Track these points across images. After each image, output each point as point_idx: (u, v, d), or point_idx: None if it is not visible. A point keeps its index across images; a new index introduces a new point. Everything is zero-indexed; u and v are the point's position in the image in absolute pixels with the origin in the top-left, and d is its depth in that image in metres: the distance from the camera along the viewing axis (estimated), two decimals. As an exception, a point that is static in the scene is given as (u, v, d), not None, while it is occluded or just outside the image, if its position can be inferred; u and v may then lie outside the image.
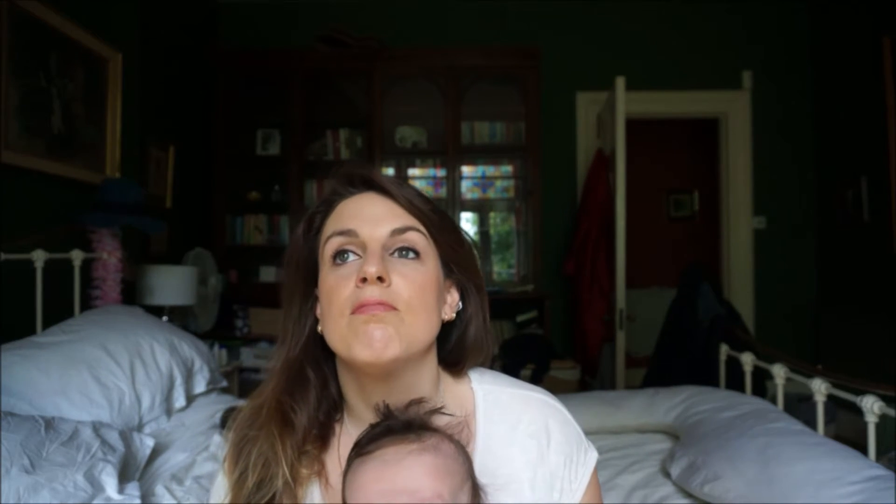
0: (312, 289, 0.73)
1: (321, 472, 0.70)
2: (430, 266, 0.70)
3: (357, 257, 0.69)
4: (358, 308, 0.65)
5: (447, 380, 0.76)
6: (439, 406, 0.68)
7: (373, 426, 0.66)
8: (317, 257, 0.73)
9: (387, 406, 0.67)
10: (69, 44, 2.31)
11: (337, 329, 0.66)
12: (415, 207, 0.70)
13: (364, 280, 0.65)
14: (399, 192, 0.70)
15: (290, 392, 0.71)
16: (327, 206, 0.74)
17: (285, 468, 0.66)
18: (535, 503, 0.69)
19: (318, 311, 0.71)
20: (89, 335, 1.89)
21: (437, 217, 0.72)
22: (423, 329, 0.68)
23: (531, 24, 4.10)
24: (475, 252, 0.78)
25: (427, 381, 0.72)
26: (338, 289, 0.66)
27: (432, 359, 0.73)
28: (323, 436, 0.72)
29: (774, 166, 4.06)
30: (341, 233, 0.69)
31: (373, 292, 0.65)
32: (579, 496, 0.72)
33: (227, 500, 0.69)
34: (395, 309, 0.65)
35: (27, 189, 2.10)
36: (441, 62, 3.80)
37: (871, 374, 1.98)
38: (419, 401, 0.68)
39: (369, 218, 0.69)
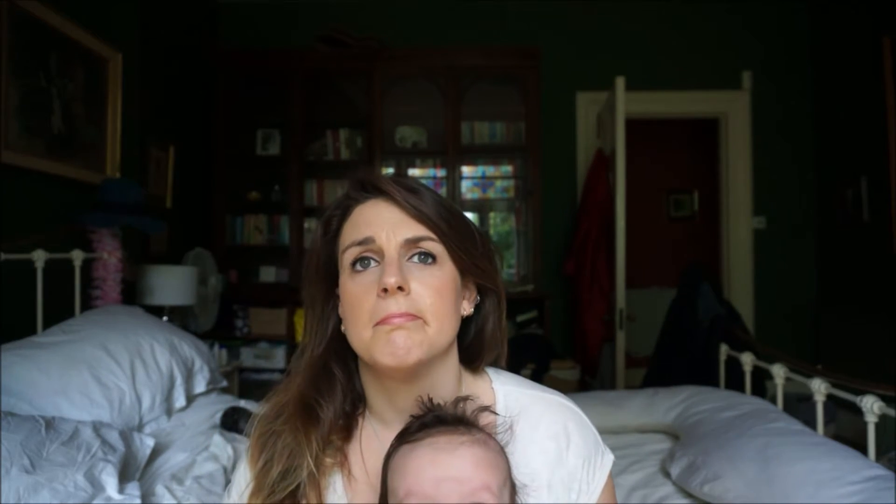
0: (334, 289, 0.74)
1: (343, 464, 0.72)
2: (446, 269, 0.71)
3: (376, 263, 0.69)
4: (382, 321, 0.66)
5: (468, 378, 0.77)
6: (487, 405, 0.70)
7: (416, 417, 0.67)
8: (336, 260, 0.74)
9: (430, 399, 0.68)
10: (69, 44, 2.31)
11: (361, 338, 0.68)
12: (424, 216, 0.71)
13: (385, 290, 0.66)
14: (406, 202, 0.71)
15: (315, 388, 0.73)
16: (343, 211, 0.75)
17: (310, 459, 0.68)
18: (553, 503, 0.71)
19: (341, 311, 0.72)
20: (89, 335, 1.89)
21: (447, 225, 0.72)
22: (445, 331, 0.69)
23: (531, 24, 4.10)
24: (494, 256, 0.78)
25: (449, 381, 0.73)
26: (360, 299, 0.68)
27: (454, 357, 0.75)
28: (347, 427, 0.74)
29: (774, 166, 4.06)
30: (359, 243, 0.70)
31: (398, 305, 0.66)
32: (595, 498, 0.74)
33: (249, 489, 0.70)
34: (418, 318, 0.67)
35: (27, 189, 2.10)
36: (441, 62, 3.79)
37: (871, 374, 1.97)
38: (465, 398, 0.69)
39: (385, 224, 0.70)
